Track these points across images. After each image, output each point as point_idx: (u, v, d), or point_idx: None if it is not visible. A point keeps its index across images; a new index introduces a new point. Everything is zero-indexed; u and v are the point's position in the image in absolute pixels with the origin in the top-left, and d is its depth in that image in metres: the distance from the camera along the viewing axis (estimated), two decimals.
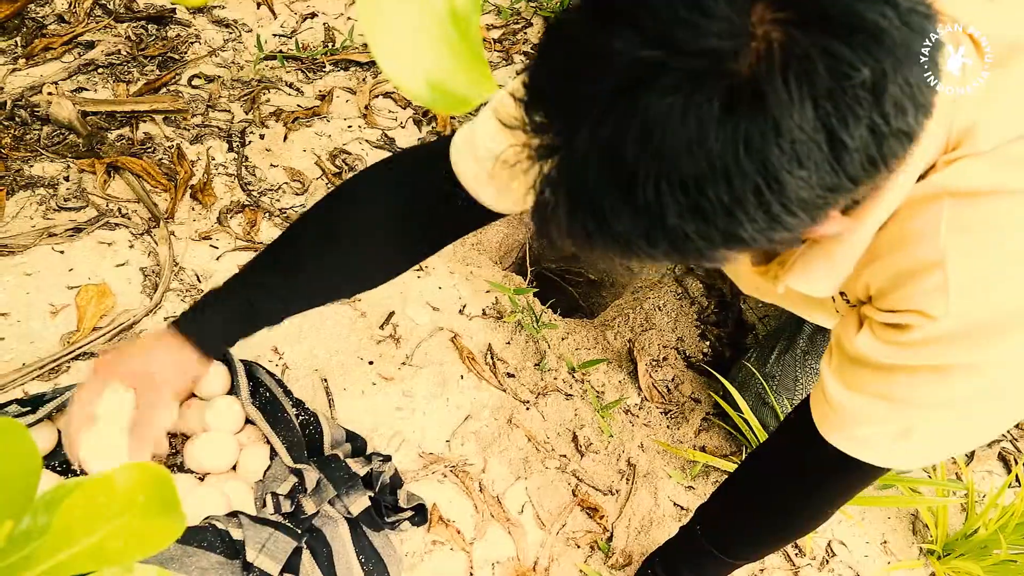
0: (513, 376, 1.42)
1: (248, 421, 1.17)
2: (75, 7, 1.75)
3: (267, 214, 1.51)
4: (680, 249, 0.53)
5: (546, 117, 0.53)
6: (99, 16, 1.76)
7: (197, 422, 1.15)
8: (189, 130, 1.60)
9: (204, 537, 0.98)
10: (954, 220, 0.63)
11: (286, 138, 1.66)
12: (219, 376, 1.18)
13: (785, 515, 0.97)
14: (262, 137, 1.64)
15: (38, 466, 0.32)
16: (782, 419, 1.34)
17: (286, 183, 1.58)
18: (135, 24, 1.77)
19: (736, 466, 1.31)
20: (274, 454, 1.13)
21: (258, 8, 1.95)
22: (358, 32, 1.92)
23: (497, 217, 0.92)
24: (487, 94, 0.29)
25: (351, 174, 1.55)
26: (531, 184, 0.55)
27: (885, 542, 1.40)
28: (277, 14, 1.95)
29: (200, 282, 1.37)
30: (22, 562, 0.31)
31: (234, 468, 1.13)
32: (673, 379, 1.54)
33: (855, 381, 0.75)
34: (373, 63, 1.87)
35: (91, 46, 1.69)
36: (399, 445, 1.27)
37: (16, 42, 1.65)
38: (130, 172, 1.48)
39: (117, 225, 1.40)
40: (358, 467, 1.12)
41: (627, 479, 1.36)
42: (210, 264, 1.39)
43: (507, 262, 1.79)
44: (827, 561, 1.35)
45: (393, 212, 0.94)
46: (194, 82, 1.71)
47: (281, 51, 1.84)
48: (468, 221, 0.97)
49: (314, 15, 1.97)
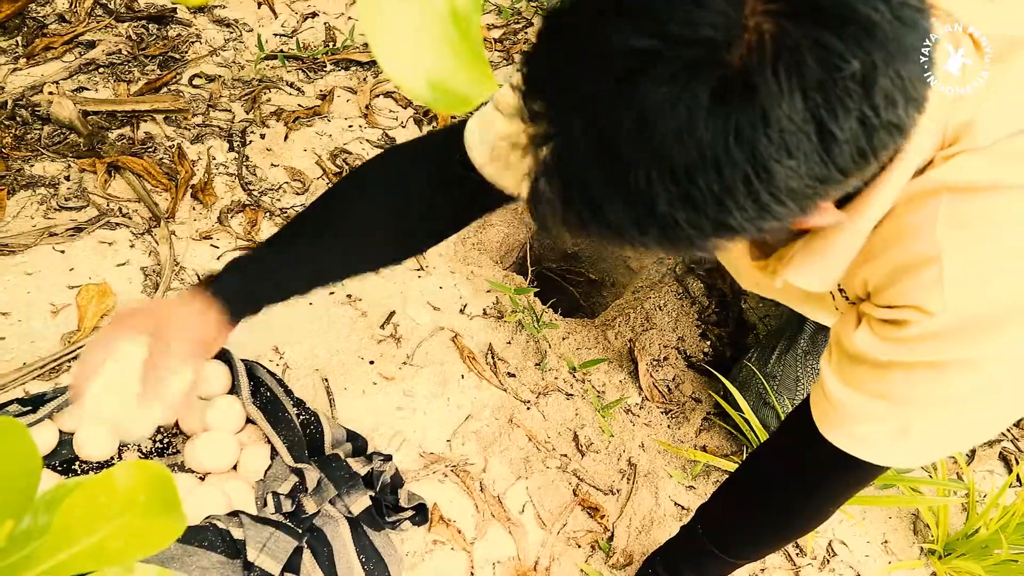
0: (514, 376, 1.42)
1: (249, 421, 1.17)
2: (76, 7, 1.75)
3: (268, 214, 1.51)
4: (671, 238, 0.53)
5: (542, 106, 0.54)
6: (100, 16, 1.77)
7: (198, 422, 1.15)
8: (190, 130, 1.60)
9: (205, 536, 0.98)
10: (951, 215, 0.63)
11: (287, 138, 1.66)
12: (220, 376, 1.18)
13: (786, 514, 0.97)
14: (263, 137, 1.64)
15: (38, 466, 0.32)
16: (783, 419, 1.34)
17: (287, 183, 1.58)
18: (136, 24, 1.78)
19: (737, 466, 1.31)
20: (275, 453, 1.13)
21: (259, 7, 1.95)
22: (359, 32, 1.92)
23: (511, 200, 0.92)
24: (488, 93, 0.29)
25: None
26: (527, 171, 0.56)
27: (886, 542, 1.40)
28: (278, 13, 1.95)
29: (201, 282, 1.36)
30: (23, 562, 0.31)
31: (235, 468, 1.13)
32: (674, 379, 1.54)
33: (854, 379, 0.75)
34: (374, 63, 1.87)
35: (92, 46, 1.69)
36: (400, 445, 1.27)
37: (17, 42, 1.65)
38: (131, 172, 1.48)
39: (118, 225, 1.40)
40: (359, 467, 1.12)
41: (628, 479, 1.35)
42: (211, 264, 1.39)
43: (508, 262, 1.79)
44: (828, 561, 1.35)
45: (412, 192, 0.94)
46: (195, 82, 1.71)
47: (282, 51, 1.84)
48: (484, 203, 0.97)
49: (315, 15, 1.97)
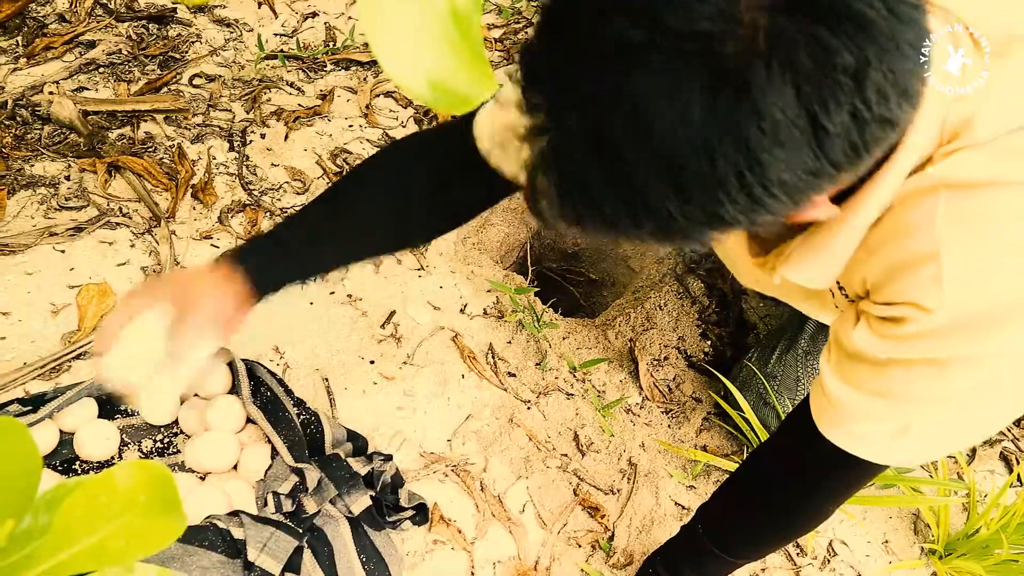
0: (514, 375, 1.42)
1: (249, 420, 1.17)
2: (76, 7, 1.75)
3: (268, 213, 1.51)
4: (665, 230, 0.54)
5: (539, 98, 0.54)
6: (100, 15, 1.77)
7: (198, 421, 1.15)
8: (190, 129, 1.60)
9: (205, 536, 0.98)
10: (950, 212, 0.63)
11: (287, 137, 1.66)
12: (220, 375, 1.18)
13: (786, 513, 0.97)
14: (263, 136, 1.64)
15: (39, 465, 0.32)
16: (783, 419, 1.34)
17: (287, 182, 1.58)
18: (136, 23, 1.78)
19: (737, 465, 1.31)
20: (275, 453, 1.13)
21: (259, 7, 1.95)
22: (359, 31, 1.92)
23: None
24: (488, 93, 0.29)
25: None
26: (523, 163, 0.56)
27: (886, 542, 1.40)
28: (278, 13, 1.95)
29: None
30: (23, 561, 0.31)
31: (235, 467, 1.13)
32: (674, 378, 1.54)
33: (853, 377, 0.75)
34: (374, 62, 1.87)
35: (92, 45, 1.69)
36: (400, 444, 1.27)
37: (17, 41, 1.65)
38: (131, 171, 1.48)
39: (118, 224, 1.40)
40: (359, 466, 1.12)
41: (628, 478, 1.35)
42: None
43: (508, 261, 1.79)
44: (828, 560, 1.35)
45: (427, 177, 0.95)
46: (195, 81, 1.71)
47: (282, 50, 1.84)
48: (497, 191, 0.96)
49: (315, 14, 1.97)
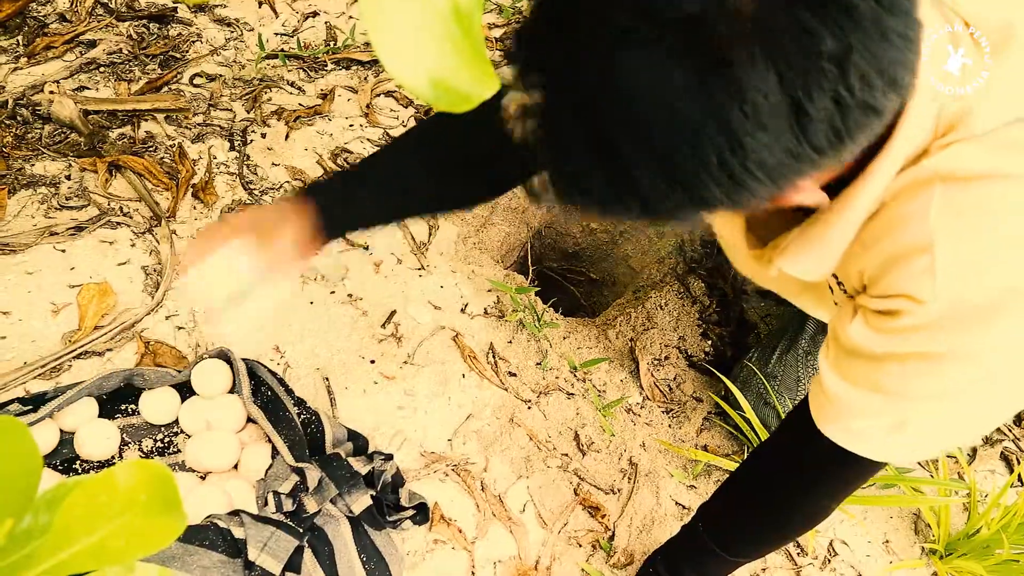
0: (515, 375, 1.42)
1: (250, 420, 1.18)
2: (77, 6, 1.75)
3: None
4: (652, 210, 0.55)
5: (531, 79, 0.55)
6: (101, 15, 1.76)
7: (199, 421, 1.15)
8: (191, 129, 1.60)
9: (206, 536, 0.98)
10: (945, 204, 0.63)
11: (288, 137, 1.66)
12: (220, 375, 1.18)
13: (786, 511, 0.97)
14: (264, 136, 1.64)
15: (39, 465, 0.32)
16: (784, 418, 1.34)
17: (288, 182, 1.58)
18: (137, 23, 1.77)
19: (738, 465, 1.31)
20: (276, 453, 1.13)
21: (260, 7, 1.95)
22: (360, 31, 1.92)
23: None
24: (490, 92, 0.29)
25: None
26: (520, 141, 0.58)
27: (887, 541, 1.40)
28: (279, 13, 1.95)
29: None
30: (23, 561, 0.31)
31: (236, 467, 1.13)
32: (675, 378, 1.54)
33: (850, 372, 0.75)
34: (375, 62, 1.87)
35: (93, 45, 1.69)
36: (401, 444, 1.27)
37: (18, 41, 1.65)
38: (132, 171, 1.48)
39: (119, 224, 1.40)
40: (360, 466, 1.12)
41: (629, 478, 1.35)
42: None
43: (509, 261, 1.79)
44: (829, 560, 1.35)
45: (471, 148, 0.94)
46: (196, 81, 1.71)
47: (283, 50, 1.84)
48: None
49: (316, 14, 1.97)
